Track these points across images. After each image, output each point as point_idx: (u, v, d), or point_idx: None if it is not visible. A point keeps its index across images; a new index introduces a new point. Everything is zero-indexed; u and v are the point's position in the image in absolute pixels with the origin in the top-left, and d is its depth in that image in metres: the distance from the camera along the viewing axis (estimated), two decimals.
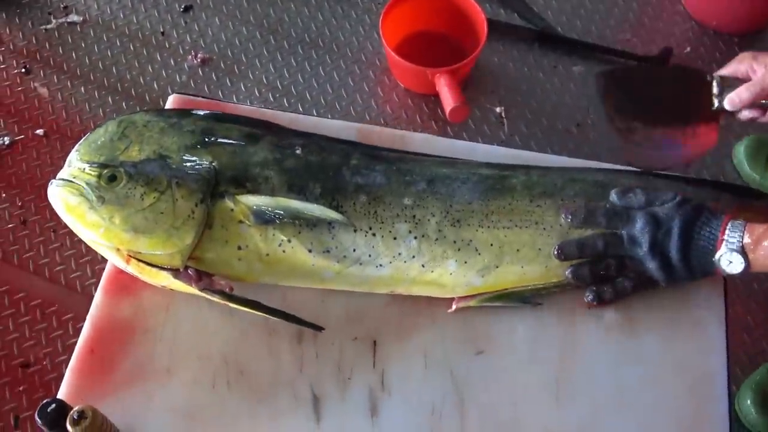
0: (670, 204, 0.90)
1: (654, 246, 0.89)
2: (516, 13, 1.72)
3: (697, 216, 0.89)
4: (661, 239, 0.89)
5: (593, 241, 0.91)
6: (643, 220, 0.90)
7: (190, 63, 1.63)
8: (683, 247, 0.88)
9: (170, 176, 0.91)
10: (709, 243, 0.87)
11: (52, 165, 1.47)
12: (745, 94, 0.94)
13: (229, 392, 0.90)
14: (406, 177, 0.96)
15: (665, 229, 0.88)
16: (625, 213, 0.92)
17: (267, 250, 0.92)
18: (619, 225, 0.91)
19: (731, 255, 0.85)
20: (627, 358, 0.93)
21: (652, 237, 0.89)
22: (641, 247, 0.89)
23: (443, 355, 0.93)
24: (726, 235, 0.86)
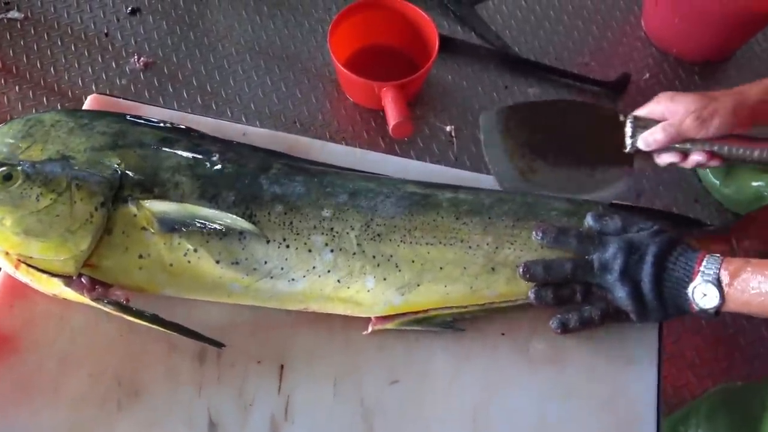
0: (646, 232, 0.85)
1: (625, 272, 0.82)
2: (473, 31, 1.68)
3: (673, 245, 0.83)
4: (634, 266, 0.82)
5: (561, 263, 0.85)
6: (615, 246, 0.84)
7: (132, 66, 1.57)
8: (656, 276, 0.81)
9: (71, 178, 0.85)
10: (684, 274, 0.81)
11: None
12: (660, 135, 0.89)
13: (118, 413, 0.83)
14: (327, 188, 0.90)
15: (638, 256, 0.82)
16: (597, 237, 0.86)
17: (171, 259, 0.85)
18: (590, 249, 0.85)
19: (706, 287, 0.79)
20: (551, 393, 0.87)
21: (623, 263, 0.82)
22: (612, 274, 0.83)
23: (355, 383, 0.87)
24: (702, 266, 0.80)
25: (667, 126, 0.89)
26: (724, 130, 0.88)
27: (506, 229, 0.90)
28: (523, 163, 0.93)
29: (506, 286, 0.89)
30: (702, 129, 0.88)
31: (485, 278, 0.89)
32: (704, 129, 0.88)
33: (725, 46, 1.71)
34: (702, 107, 0.88)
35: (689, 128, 0.88)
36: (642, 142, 0.90)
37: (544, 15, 1.74)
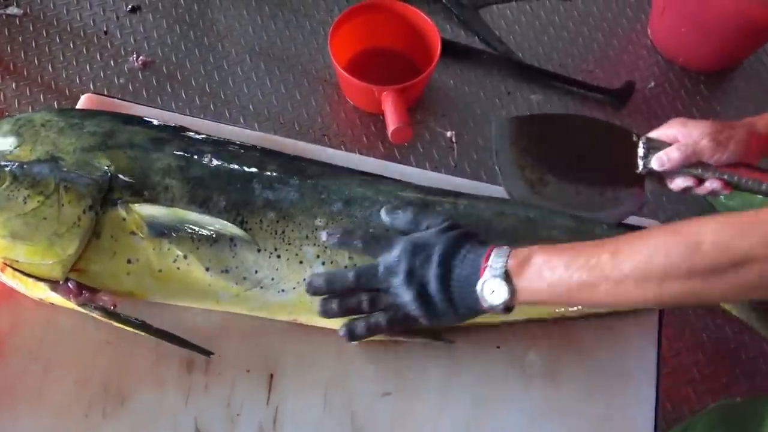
0: (434, 230, 0.81)
1: (410, 275, 0.78)
2: (476, 36, 1.66)
3: (461, 243, 0.78)
4: (419, 268, 0.78)
5: (343, 274, 0.81)
6: (400, 247, 0.79)
7: (130, 65, 1.55)
8: (442, 276, 0.77)
9: (59, 179, 0.83)
10: (471, 272, 0.76)
11: None
12: (675, 154, 0.87)
13: (103, 422, 0.82)
14: (321, 195, 0.88)
15: (424, 256, 0.78)
16: (384, 238, 0.82)
17: (160, 265, 0.84)
18: (377, 251, 0.81)
19: (494, 282, 0.74)
20: (546, 410, 0.86)
21: (408, 265, 0.78)
22: (397, 277, 0.78)
23: (345, 395, 0.85)
24: (489, 261, 0.76)
25: (683, 146, 0.87)
26: (738, 156, 0.87)
27: None
28: (534, 175, 0.91)
29: None
30: (717, 152, 0.87)
31: None
32: (719, 152, 0.87)
33: (732, 56, 1.68)
34: (718, 131, 0.87)
35: (705, 150, 0.87)
36: (656, 162, 0.89)
37: (548, 21, 1.72)
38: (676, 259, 0.69)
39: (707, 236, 0.69)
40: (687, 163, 0.88)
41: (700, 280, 0.69)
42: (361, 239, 0.82)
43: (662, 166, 0.89)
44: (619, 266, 0.71)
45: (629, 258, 0.71)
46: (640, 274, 0.70)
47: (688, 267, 0.69)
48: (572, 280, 0.72)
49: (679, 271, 0.69)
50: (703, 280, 0.69)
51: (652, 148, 0.89)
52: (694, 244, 0.69)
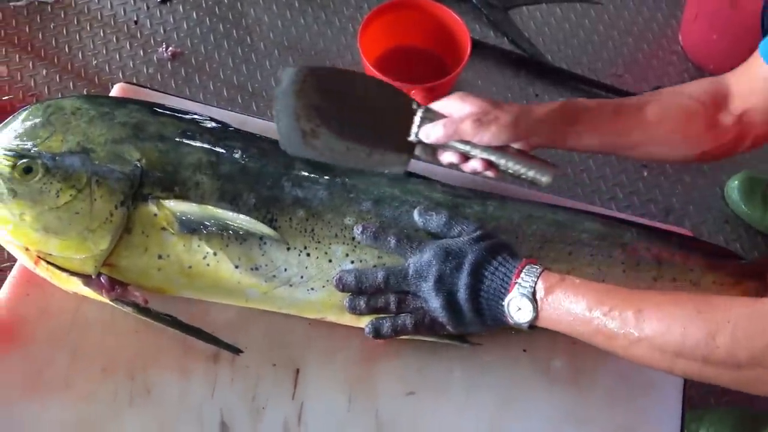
0: (467, 237, 0.80)
1: (440, 281, 0.78)
2: (505, 37, 1.66)
3: (492, 254, 0.78)
4: (449, 275, 0.78)
5: (373, 274, 0.81)
6: (431, 252, 0.79)
7: (160, 56, 1.56)
8: (472, 286, 0.77)
9: (91, 173, 0.83)
10: (501, 285, 0.76)
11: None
12: (439, 130, 0.86)
13: (130, 410, 0.82)
14: (350, 194, 0.88)
15: (455, 264, 0.78)
16: (417, 239, 0.82)
17: (190, 261, 0.84)
18: (408, 251, 0.81)
19: (521, 300, 0.75)
20: (570, 415, 0.86)
21: (439, 271, 0.78)
22: (426, 282, 0.79)
23: (370, 393, 0.85)
24: (520, 278, 0.76)
25: (448, 123, 0.86)
26: (501, 139, 0.85)
27: (532, 251, 0.88)
28: (308, 125, 0.89)
29: None
30: (478, 133, 0.85)
31: None
32: (480, 134, 0.85)
33: None
34: (484, 112, 0.86)
35: (466, 130, 0.85)
36: (422, 134, 0.88)
37: (578, 24, 1.71)
38: (692, 343, 0.68)
39: (727, 329, 0.67)
40: (450, 139, 0.86)
41: (712, 368, 0.69)
42: (394, 236, 0.82)
43: (427, 139, 0.87)
44: (639, 326, 0.70)
45: (650, 323, 0.70)
46: (656, 343, 0.70)
47: (703, 355, 0.68)
48: (592, 325, 0.72)
49: (693, 355, 0.69)
50: (716, 369, 0.68)
51: (426, 119, 0.88)
52: (712, 335, 0.68)
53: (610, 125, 0.90)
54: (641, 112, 0.90)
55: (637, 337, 0.70)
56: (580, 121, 0.88)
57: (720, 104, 0.91)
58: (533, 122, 0.86)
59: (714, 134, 0.91)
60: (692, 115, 0.90)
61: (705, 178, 1.52)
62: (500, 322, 0.78)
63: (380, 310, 0.82)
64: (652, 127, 0.90)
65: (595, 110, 0.90)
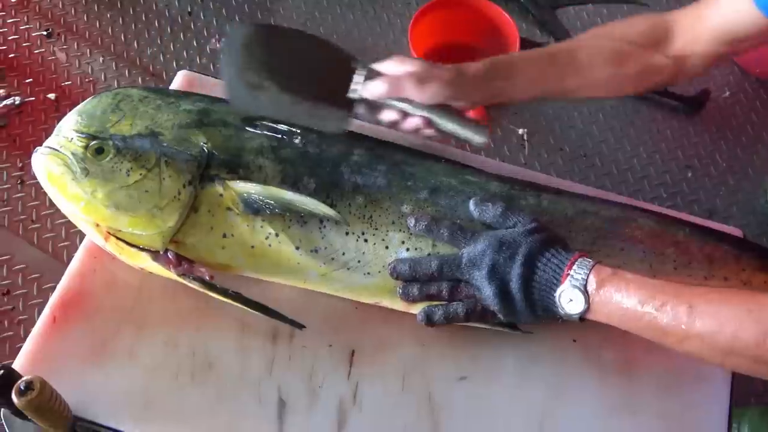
0: (521, 229, 0.81)
1: (493, 270, 0.79)
2: (552, 36, 1.67)
3: (545, 246, 0.79)
4: (503, 264, 0.79)
5: (427, 262, 0.83)
6: (486, 242, 0.80)
7: (212, 46, 1.60)
8: (524, 277, 0.78)
9: (160, 154, 0.86)
10: (553, 276, 0.77)
11: None
12: (381, 87, 0.88)
13: (191, 384, 0.85)
14: (408, 182, 0.90)
15: (509, 254, 0.79)
16: (470, 230, 0.83)
17: (253, 241, 0.87)
18: (461, 242, 0.82)
19: (572, 292, 0.76)
20: (620, 405, 0.87)
21: (492, 260, 0.79)
22: (480, 271, 0.80)
23: (424, 376, 0.87)
24: (572, 270, 0.76)
25: (390, 79, 0.88)
26: (441, 96, 0.87)
27: (585, 245, 0.89)
28: (254, 78, 0.90)
29: None
30: (418, 90, 0.86)
31: None
32: (420, 91, 0.86)
33: None
34: (423, 71, 0.87)
35: (407, 87, 0.87)
36: (366, 90, 0.89)
37: None
38: (744, 341, 0.69)
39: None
40: (390, 96, 0.88)
41: (765, 366, 0.70)
42: (447, 228, 0.83)
43: (369, 95, 0.89)
44: (691, 323, 0.71)
45: (702, 319, 0.71)
46: (707, 340, 0.71)
47: (754, 355, 0.69)
48: (644, 319, 0.73)
49: (744, 353, 0.70)
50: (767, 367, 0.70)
51: (368, 78, 0.90)
52: (763, 335, 0.68)
53: (545, 74, 0.93)
54: (574, 58, 0.93)
55: (688, 333, 0.71)
56: (515, 74, 0.92)
57: (656, 46, 0.93)
58: (471, 78, 0.89)
59: (647, 74, 0.94)
60: (625, 57, 0.93)
61: (749, 181, 1.53)
62: (551, 313, 0.79)
63: (433, 297, 0.84)
64: (585, 72, 0.93)
65: (528, 61, 0.93)
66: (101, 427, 0.82)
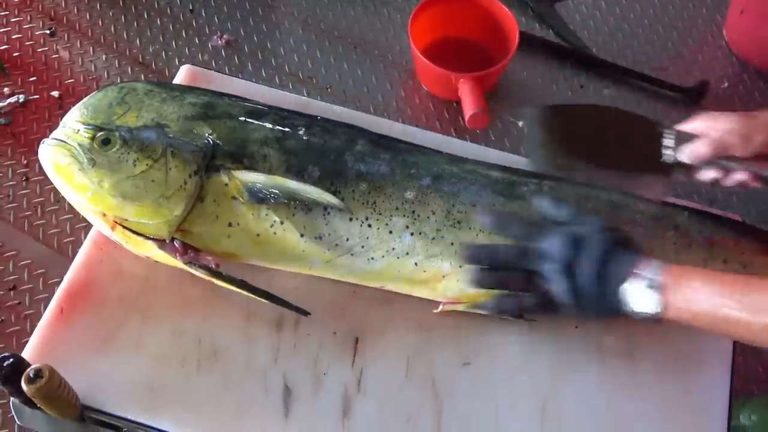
0: (594, 227, 0.83)
1: (565, 265, 0.81)
2: (551, 29, 1.68)
3: (616, 245, 0.81)
4: (574, 260, 0.81)
5: (504, 249, 0.85)
6: (560, 238, 0.82)
7: (214, 43, 1.61)
8: (595, 272, 0.80)
9: (166, 145, 0.87)
10: (623, 274, 0.79)
11: None
12: (704, 148, 0.88)
13: (197, 372, 0.86)
14: (411, 170, 0.91)
15: (581, 251, 0.81)
16: (544, 227, 0.85)
17: (258, 229, 0.88)
18: (535, 238, 0.84)
19: (643, 290, 0.77)
20: (622, 388, 0.88)
21: (566, 255, 0.81)
22: (552, 264, 0.81)
23: (427, 362, 0.88)
24: (642, 269, 0.78)
25: (712, 141, 0.88)
26: (764, 147, 0.87)
27: None
28: (564, 161, 0.92)
29: None
30: (744, 145, 0.87)
31: None
32: (747, 145, 0.87)
33: None
34: (744, 125, 0.87)
35: (733, 144, 0.87)
36: (686, 155, 0.89)
37: (623, 17, 1.73)
38: None
39: None
40: (716, 157, 0.88)
41: None
42: (520, 224, 0.85)
43: (692, 159, 0.89)
44: None
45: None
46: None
47: None
48: (719, 313, 0.74)
49: None
50: None
51: (681, 140, 0.90)
52: None
53: None
54: None
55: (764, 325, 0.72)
56: None
57: None
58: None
59: None
60: None
61: None
62: (617, 311, 0.80)
63: (505, 285, 0.86)
64: None
65: None
66: (109, 415, 0.83)
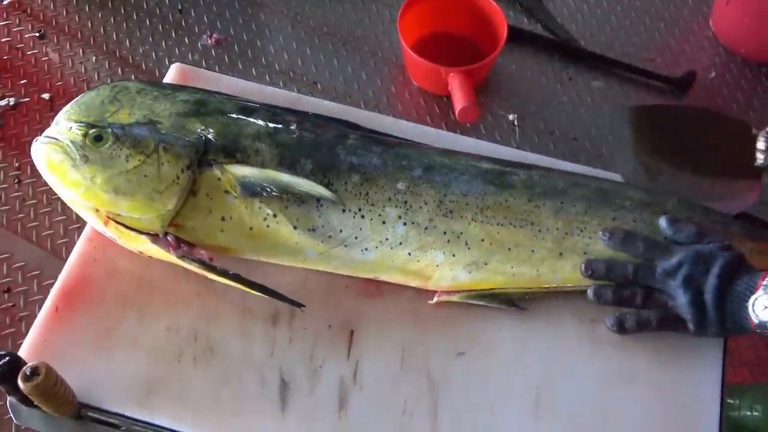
0: (715, 245, 0.86)
1: (689, 280, 0.83)
2: (539, 23, 1.69)
3: (740, 261, 0.84)
4: (699, 275, 0.83)
5: (624, 265, 0.87)
6: (682, 254, 0.85)
7: (204, 42, 1.61)
8: (719, 288, 0.82)
9: (158, 140, 0.88)
10: (746, 288, 0.81)
11: None
12: None
13: (194, 368, 0.86)
14: (402, 161, 0.92)
15: (704, 267, 0.83)
16: (665, 245, 0.87)
17: (251, 223, 0.88)
18: (656, 255, 0.86)
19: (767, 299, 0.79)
20: (615, 376, 0.88)
21: (689, 271, 0.83)
22: (675, 280, 0.84)
23: (422, 353, 0.89)
24: (765, 281, 0.80)
25: None
26: None
27: (577, 215, 0.91)
28: (650, 162, 0.93)
29: (572, 272, 0.90)
30: None
31: (552, 263, 0.91)
32: None
33: None
34: None
35: None
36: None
37: (610, 9, 1.74)
38: None
39: None
40: None
41: None
42: (642, 242, 0.87)
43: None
44: None
45: None
46: None
47: None
48: None
49: None
50: None
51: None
52: None
53: None
54: None
55: None
56: None
57: None
58: None
59: None
60: None
61: None
62: (741, 327, 0.83)
63: (625, 301, 0.87)
64: None
65: None
66: (106, 412, 0.83)
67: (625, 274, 0.87)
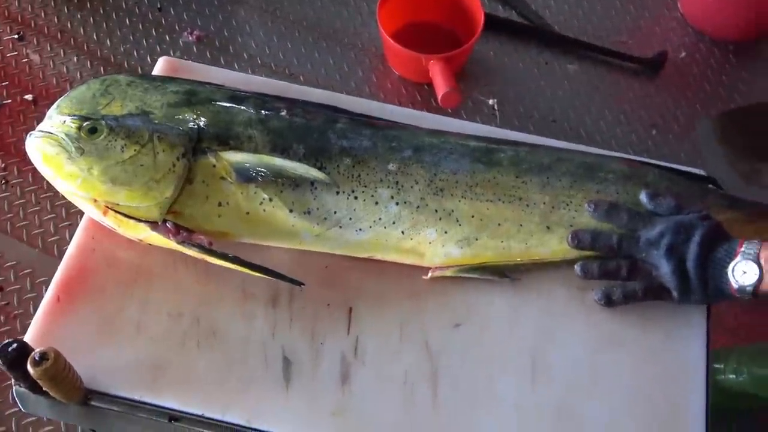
0: (695, 215, 0.90)
1: (671, 250, 0.87)
2: (514, 10, 1.73)
3: (719, 230, 0.88)
4: (680, 245, 0.87)
5: (608, 235, 0.90)
6: (664, 225, 0.88)
7: (185, 39, 1.62)
8: (701, 255, 0.86)
9: (152, 130, 0.90)
10: (726, 255, 0.86)
11: None
12: None
13: (198, 351, 0.88)
14: (392, 143, 0.95)
15: (686, 236, 0.87)
16: (648, 216, 0.91)
17: (248, 207, 0.90)
18: (639, 225, 0.90)
19: (746, 264, 0.84)
20: (606, 340, 0.92)
21: (671, 240, 0.87)
22: (658, 249, 0.88)
23: (420, 326, 0.92)
24: (743, 247, 0.85)
25: None
26: None
27: (563, 189, 0.95)
28: (746, 166, 0.95)
29: (560, 244, 0.94)
30: None
31: (540, 236, 0.94)
32: None
33: (759, 26, 1.73)
34: None
35: None
36: None
37: None
38: None
39: None
40: None
41: None
42: (626, 213, 0.91)
43: None
44: None
45: None
46: None
47: None
48: None
49: None
50: None
51: None
52: None
53: None
54: None
55: None
56: None
57: None
58: None
59: None
60: None
61: None
62: (721, 292, 0.87)
63: (611, 274, 0.91)
64: None
65: None
66: (114, 396, 0.85)
67: (609, 244, 0.90)
